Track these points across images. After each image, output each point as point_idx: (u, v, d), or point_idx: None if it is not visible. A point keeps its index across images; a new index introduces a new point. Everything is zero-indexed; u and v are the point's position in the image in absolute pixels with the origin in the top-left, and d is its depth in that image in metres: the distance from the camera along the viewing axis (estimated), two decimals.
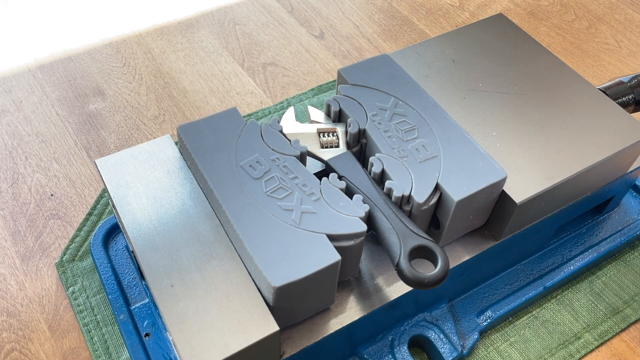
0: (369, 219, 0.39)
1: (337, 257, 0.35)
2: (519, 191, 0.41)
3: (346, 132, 0.44)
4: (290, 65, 0.69)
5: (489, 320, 0.46)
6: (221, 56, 0.69)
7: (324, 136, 0.44)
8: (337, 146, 0.44)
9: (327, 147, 0.44)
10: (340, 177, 0.41)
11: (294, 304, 0.37)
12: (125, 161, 0.42)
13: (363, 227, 0.37)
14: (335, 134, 0.44)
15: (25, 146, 0.59)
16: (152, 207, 0.40)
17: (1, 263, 0.50)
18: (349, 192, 0.40)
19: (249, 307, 0.35)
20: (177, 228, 0.39)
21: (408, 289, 0.41)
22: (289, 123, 0.45)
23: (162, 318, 0.36)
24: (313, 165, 0.44)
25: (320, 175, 0.43)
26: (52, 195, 0.55)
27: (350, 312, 0.40)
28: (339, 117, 0.45)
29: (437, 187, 0.40)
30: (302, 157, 0.42)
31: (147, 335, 0.45)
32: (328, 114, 0.46)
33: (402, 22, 0.74)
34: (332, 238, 0.36)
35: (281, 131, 0.43)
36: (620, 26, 0.75)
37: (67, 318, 0.47)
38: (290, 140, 0.42)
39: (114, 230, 0.51)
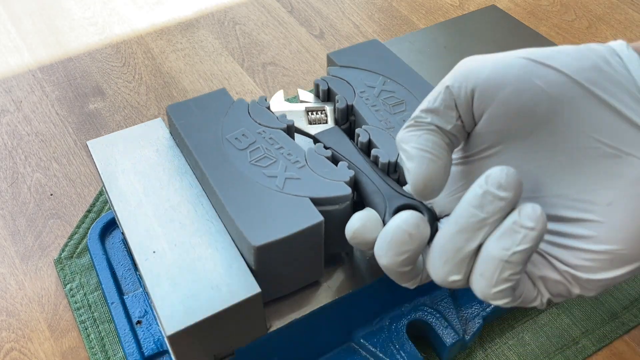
0: (355, 184, 0.38)
1: (319, 218, 0.35)
2: None
3: (334, 109, 0.44)
4: (290, 64, 0.69)
5: (492, 306, 0.44)
6: (221, 56, 0.69)
7: (312, 114, 0.44)
8: (326, 123, 0.44)
9: (315, 124, 0.44)
10: (326, 148, 0.41)
11: (277, 268, 0.36)
12: (116, 142, 0.43)
13: (348, 190, 0.37)
14: (323, 112, 0.44)
15: (25, 146, 0.59)
16: (139, 182, 0.40)
17: (0, 262, 0.51)
18: (335, 161, 0.40)
19: (230, 270, 0.35)
20: (162, 199, 0.39)
21: None
22: (278, 103, 0.45)
23: (143, 283, 0.36)
24: (302, 145, 0.44)
25: None
26: (51, 194, 0.55)
27: (341, 287, 0.39)
28: (327, 97, 0.45)
29: None
30: (289, 131, 0.42)
31: (138, 322, 0.45)
32: (317, 95, 0.46)
33: (402, 22, 0.74)
34: (316, 202, 0.36)
35: (268, 108, 0.43)
36: (620, 26, 0.75)
37: (67, 317, 0.47)
38: (277, 116, 0.42)
39: (111, 224, 0.51)
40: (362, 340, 0.42)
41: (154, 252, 0.36)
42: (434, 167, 0.30)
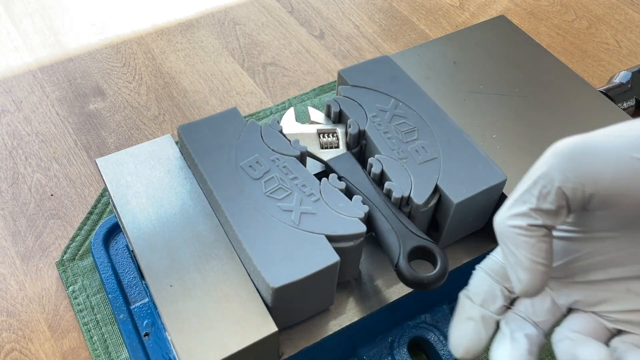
0: (368, 219, 0.39)
1: (336, 258, 0.35)
2: None
3: (346, 133, 0.44)
4: (291, 65, 0.69)
5: None
6: (221, 56, 0.69)
7: (323, 137, 0.44)
8: (337, 147, 0.44)
9: (327, 148, 0.44)
10: (339, 178, 0.41)
11: (292, 304, 0.37)
12: (126, 161, 0.43)
13: (362, 228, 0.37)
14: (335, 134, 0.44)
15: (25, 146, 0.59)
16: (152, 207, 0.40)
17: (1, 263, 0.51)
18: (349, 192, 0.40)
19: (247, 307, 0.35)
20: (176, 228, 0.39)
21: (408, 290, 0.41)
22: (289, 123, 0.45)
23: (161, 318, 0.36)
24: (313, 166, 0.44)
25: (320, 176, 0.43)
26: (52, 195, 0.55)
27: (349, 313, 0.40)
28: (339, 118, 0.45)
29: (436, 189, 0.40)
30: (302, 157, 0.42)
31: (146, 334, 0.45)
32: (328, 115, 0.46)
33: (402, 22, 0.74)
34: (331, 239, 0.36)
35: (281, 131, 0.43)
36: (620, 26, 0.75)
37: (67, 318, 0.47)
38: (290, 141, 0.42)
39: (115, 229, 0.51)
40: (365, 358, 0.43)
41: (170, 285, 0.36)
42: (545, 277, 0.31)
